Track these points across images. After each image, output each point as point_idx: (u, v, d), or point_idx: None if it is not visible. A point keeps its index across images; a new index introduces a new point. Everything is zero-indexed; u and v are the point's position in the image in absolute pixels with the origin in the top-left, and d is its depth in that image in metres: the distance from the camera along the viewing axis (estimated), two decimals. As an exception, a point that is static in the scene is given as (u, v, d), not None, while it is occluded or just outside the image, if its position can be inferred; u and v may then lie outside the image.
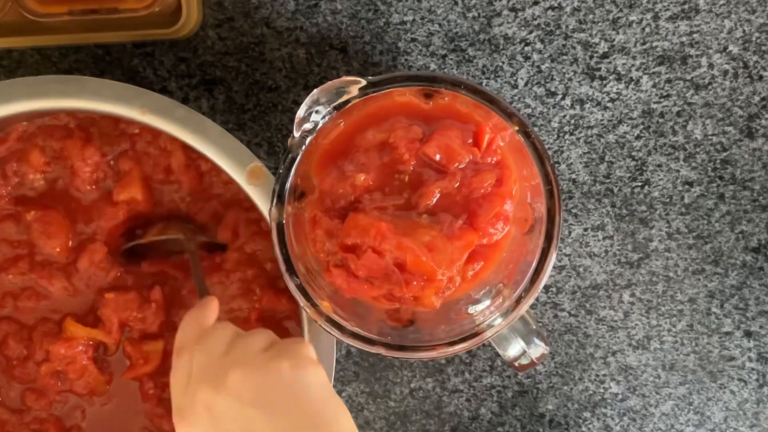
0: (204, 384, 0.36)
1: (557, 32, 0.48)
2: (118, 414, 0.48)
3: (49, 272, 0.47)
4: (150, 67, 0.49)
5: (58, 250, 0.46)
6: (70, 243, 0.47)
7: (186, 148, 0.45)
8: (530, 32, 0.48)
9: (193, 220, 0.47)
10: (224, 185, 0.47)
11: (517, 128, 0.39)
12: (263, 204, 0.43)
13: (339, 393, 0.53)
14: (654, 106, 0.49)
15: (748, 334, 0.52)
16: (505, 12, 0.48)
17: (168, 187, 0.47)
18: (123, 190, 0.46)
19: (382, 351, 0.40)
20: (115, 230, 0.47)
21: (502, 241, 0.41)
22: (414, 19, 0.48)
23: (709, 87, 0.49)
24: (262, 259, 0.47)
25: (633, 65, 0.49)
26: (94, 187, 0.47)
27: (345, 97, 0.39)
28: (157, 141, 0.46)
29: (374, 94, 0.39)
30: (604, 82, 0.49)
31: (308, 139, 0.40)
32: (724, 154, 0.50)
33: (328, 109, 0.39)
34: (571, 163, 0.50)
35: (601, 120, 0.50)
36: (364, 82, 0.39)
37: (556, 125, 0.50)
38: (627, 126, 0.50)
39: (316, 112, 0.39)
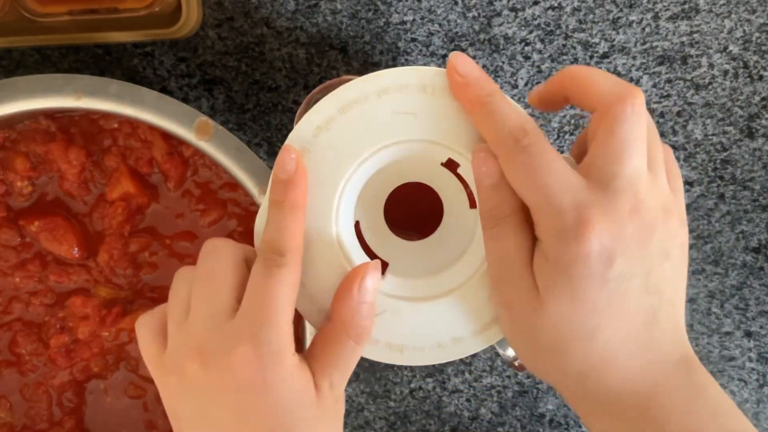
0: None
1: (557, 32, 0.48)
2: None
3: (65, 269, 0.47)
4: (150, 66, 0.49)
5: (75, 252, 0.46)
6: (82, 243, 0.47)
7: (166, 136, 0.45)
8: (530, 32, 0.48)
9: None
10: (209, 169, 0.47)
11: None
12: (218, 157, 0.43)
13: (339, 393, 0.53)
14: (654, 106, 0.49)
15: (748, 334, 0.52)
16: (505, 12, 0.48)
17: (157, 177, 0.47)
18: (114, 188, 0.46)
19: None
20: (121, 227, 0.47)
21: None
22: (414, 19, 0.48)
23: (710, 87, 0.49)
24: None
25: (633, 65, 0.49)
26: (84, 187, 0.47)
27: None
28: (137, 132, 0.46)
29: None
30: (605, 82, 0.49)
31: None
32: (725, 154, 0.50)
33: None
34: (571, 163, 0.50)
35: (601, 120, 0.50)
36: None
37: (556, 125, 0.50)
38: (627, 126, 0.50)
39: None
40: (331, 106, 0.32)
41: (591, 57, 0.49)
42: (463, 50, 0.49)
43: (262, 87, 0.49)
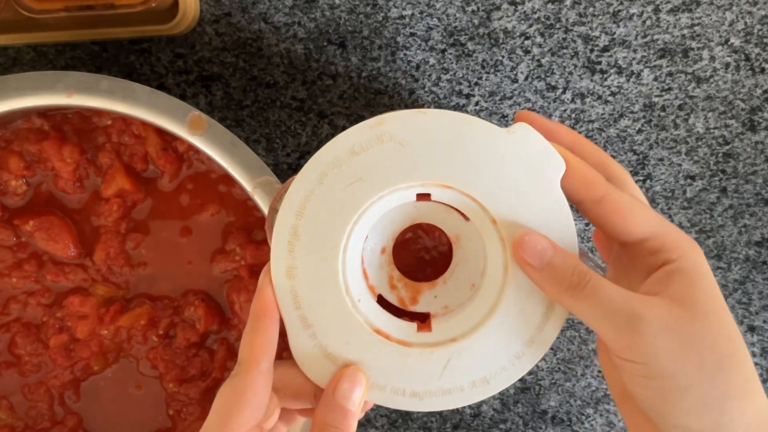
0: None
1: (557, 26, 0.48)
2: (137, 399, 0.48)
3: (62, 269, 0.47)
4: (147, 63, 0.49)
5: (71, 251, 0.46)
6: (78, 242, 0.47)
7: (159, 131, 0.44)
8: (530, 26, 0.48)
9: None
10: (204, 163, 0.46)
11: None
12: (212, 152, 0.43)
13: (340, 391, 0.53)
14: (655, 99, 0.49)
15: (751, 329, 0.52)
16: (505, 5, 0.48)
17: (151, 173, 0.47)
18: (109, 185, 0.46)
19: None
20: (116, 224, 0.47)
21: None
22: (413, 14, 0.48)
23: (711, 80, 0.49)
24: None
25: (634, 58, 0.48)
26: (79, 185, 0.46)
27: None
28: (130, 129, 0.46)
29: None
30: (605, 75, 0.49)
31: None
32: (727, 147, 0.50)
33: None
34: (572, 158, 0.50)
35: (602, 114, 0.49)
36: None
37: (556, 119, 0.49)
38: (628, 120, 0.49)
39: None
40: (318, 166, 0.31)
41: (591, 50, 0.48)
42: (462, 44, 0.48)
43: (260, 83, 0.49)
